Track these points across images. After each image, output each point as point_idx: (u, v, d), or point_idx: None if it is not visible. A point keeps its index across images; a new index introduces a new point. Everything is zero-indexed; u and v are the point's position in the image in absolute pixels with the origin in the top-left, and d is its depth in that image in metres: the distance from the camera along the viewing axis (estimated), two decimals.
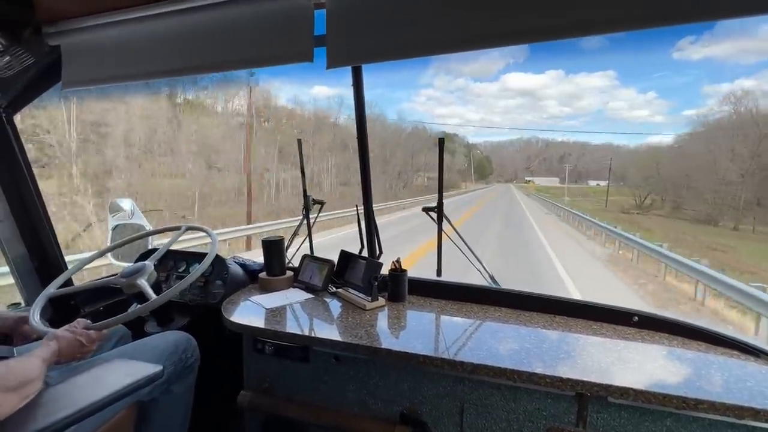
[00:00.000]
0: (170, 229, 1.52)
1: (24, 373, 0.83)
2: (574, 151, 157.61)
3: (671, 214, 32.43)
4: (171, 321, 1.49)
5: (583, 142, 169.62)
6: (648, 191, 38.75)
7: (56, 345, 0.97)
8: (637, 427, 0.94)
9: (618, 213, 32.94)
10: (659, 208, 35.79)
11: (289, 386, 1.27)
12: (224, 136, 22.18)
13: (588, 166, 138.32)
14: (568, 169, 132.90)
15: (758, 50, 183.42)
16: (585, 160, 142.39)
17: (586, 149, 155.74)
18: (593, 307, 1.24)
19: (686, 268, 6.71)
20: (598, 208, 35.01)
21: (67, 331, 1.02)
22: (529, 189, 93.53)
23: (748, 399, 0.83)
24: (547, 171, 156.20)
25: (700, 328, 1.12)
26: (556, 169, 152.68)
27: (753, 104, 30.02)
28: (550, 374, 0.93)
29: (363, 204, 1.56)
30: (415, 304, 1.38)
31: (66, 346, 0.99)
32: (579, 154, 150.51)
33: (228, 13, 1.14)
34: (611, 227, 11.65)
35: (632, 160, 59.95)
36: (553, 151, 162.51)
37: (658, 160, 40.90)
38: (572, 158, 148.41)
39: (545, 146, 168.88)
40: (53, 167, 13.08)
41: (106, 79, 1.34)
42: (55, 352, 0.96)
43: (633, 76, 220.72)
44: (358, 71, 1.36)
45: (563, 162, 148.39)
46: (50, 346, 0.96)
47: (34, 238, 1.52)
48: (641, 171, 42.62)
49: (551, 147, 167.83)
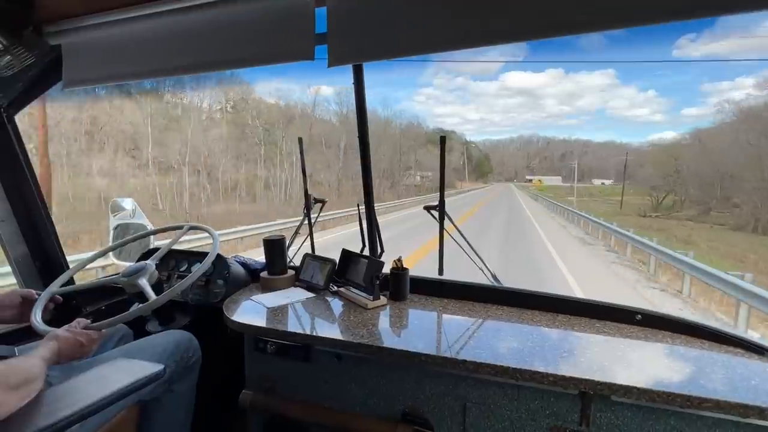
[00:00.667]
0: (172, 228, 1.53)
1: (25, 373, 0.83)
2: (575, 149, 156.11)
3: (700, 218, 26.91)
4: (172, 320, 1.50)
5: (585, 140, 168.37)
6: (666, 191, 35.04)
7: (56, 345, 0.98)
8: (641, 425, 0.94)
9: (636, 217, 28.06)
10: (679, 210, 31.43)
11: (290, 385, 1.27)
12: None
13: (590, 164, 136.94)
14: (573, 166, 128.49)
15: (760, 48, 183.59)
16: (587, 159, 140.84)
17: (588, 147, 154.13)
18: (596, 305, 1.24)
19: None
20: (611, 211, 30.27)
21: (67, 331, 1.03)
22: (532, 188, 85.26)
23: (753, 397, 0.83)
24: (549, 169, 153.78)
25: (703, 326, 1.12)
26: (558, 167, 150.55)
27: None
28: (553, 372, 0.93)
29: (364, 203, 1.56)
30: (416, 303, 1.38)
31: (66, 346, 0.99)
32: (581, 152, 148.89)
33: (228, 11, 1.14)
34: (672, 252, 7.43)
35: (642, 158, 57.56)
36: (554, 149, 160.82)
37: (676, 156, 36.83)
38: (574, 156, 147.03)
39: (546, 144, 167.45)
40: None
41: (107, 78, 1.34)
42: (55, 352, 0.96)
43: (633, 75, 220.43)
44: (359, 70, 1.36)
45: (564, 160, 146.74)
46: (50, 345, 0.97)
47: (35, 238, 1.52)
48: (659, 168, 38.36)
49: (552, 145, 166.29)
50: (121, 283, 1.27)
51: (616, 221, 12.41)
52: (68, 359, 1.02)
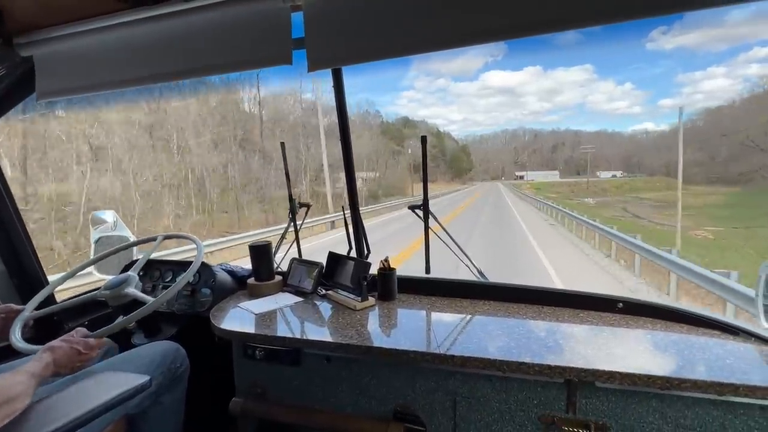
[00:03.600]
0: (149, 240, 1.54)
1: (6, 391, 0.82)
2: (567, 139, 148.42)
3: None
4: (159, 331, 1.51)
5: (576, 130, 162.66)
6: None
7: (50, 357, 0.98)
8: (625, 409, 0.99)
9: None
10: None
11: (281, 390, 1.30)
12: None
13: (585, 155, 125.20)
14: (586, 153, 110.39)
15: (727, 38, 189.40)
16: (581, 149, 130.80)
17: (579, 137, 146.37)
18: (579, 296, 1.30)
19: None
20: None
21: (63, 341, 1.03)
22: (527, 189, 54.03)
23: (728, 375, 0.89)
24: (540, 164, 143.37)
25: (681, 310, 1.18)
26: (550, 159, 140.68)
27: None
28: (539, 363, 0.98)
29: (349, 206, 1.60)
30: (405, 302, 1.42)
31: (63, 356, 1.00)
32: (573, 143, 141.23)
33: (203, 18, 1.17)
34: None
35: (642, 145, 50.97)
36: (544, 142, 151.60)
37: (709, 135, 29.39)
38: (566, 148, 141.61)
39: (534, 137, 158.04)
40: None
41: (80, 89, 1.36)
42: (48, 365, 0.96)
43: (610, 69, 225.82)
44: (338, 74, 1.39)
45: (556, 152, 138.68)
46: (42, 359, 0.96)
47: (11, 255, 1.52)
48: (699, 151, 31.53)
49: (540, 138, 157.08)
50: (104, 296, 1.27)
51: None
52: (68, 369, 1.02)
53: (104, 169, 16.08)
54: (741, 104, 29.72)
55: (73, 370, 1.04)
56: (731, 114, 29.98)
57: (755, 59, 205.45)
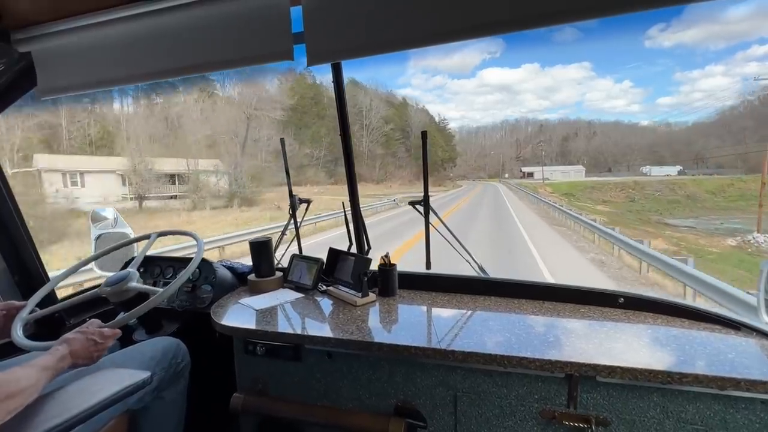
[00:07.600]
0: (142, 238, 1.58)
1: (9, 386, 0.85)
2: (579, 129, 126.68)
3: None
4: (160, 328, 1.56)
5: (589, 120, 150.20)
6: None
7: (66, 349, 1.02)
8: (626, 403, 1.03)
9: None
10: None
11: (282, 386, 1.34)
12: None
13: (608, 149, 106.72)
14: (581, 151, 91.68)
15: (726, 35, 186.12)
16: (597, 141, 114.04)
17: (594, 127, 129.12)
18: (580, 291, 1.33)
19: None
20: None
21: (78, 333, 1.08)
22: (550, 196, 25.68)
23: (730, 370, 0.93)
24: (550, 158, 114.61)
25: (683, 305, 1.21)
26: (562, 153, 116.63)
27: None
28: (540, 357, 1.01)
29: (350, 202, 1.64)
30: (405, 298, 1.46)
31: (79, 347, 1.04)
32: (588, 134, 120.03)
33: (202, 13, 1.20)
34: None
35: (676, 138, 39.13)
36: (551, 133, 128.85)
37: None
38: (579, 139, 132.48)
39: (539, 128, 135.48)
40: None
41: (82, 86, 1.39)
42: (65, 357, 1.00)
43: (608, 67, 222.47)
44: (338, 68, 1.42)
45: (567, 142, 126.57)
46: (58, 351, 1.00)
47: (12, 252, 1.58)
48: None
49: (546, 128, 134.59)
50: (105, 293, 1.32)
51: None
52: (86, 360, 1.06)
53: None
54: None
55: (92, 360, 1.08)
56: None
57: (753, 57, 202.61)
